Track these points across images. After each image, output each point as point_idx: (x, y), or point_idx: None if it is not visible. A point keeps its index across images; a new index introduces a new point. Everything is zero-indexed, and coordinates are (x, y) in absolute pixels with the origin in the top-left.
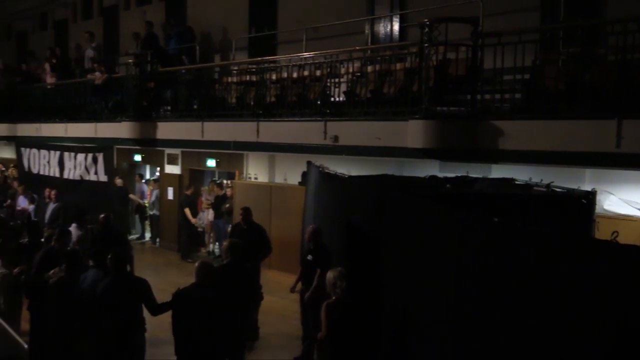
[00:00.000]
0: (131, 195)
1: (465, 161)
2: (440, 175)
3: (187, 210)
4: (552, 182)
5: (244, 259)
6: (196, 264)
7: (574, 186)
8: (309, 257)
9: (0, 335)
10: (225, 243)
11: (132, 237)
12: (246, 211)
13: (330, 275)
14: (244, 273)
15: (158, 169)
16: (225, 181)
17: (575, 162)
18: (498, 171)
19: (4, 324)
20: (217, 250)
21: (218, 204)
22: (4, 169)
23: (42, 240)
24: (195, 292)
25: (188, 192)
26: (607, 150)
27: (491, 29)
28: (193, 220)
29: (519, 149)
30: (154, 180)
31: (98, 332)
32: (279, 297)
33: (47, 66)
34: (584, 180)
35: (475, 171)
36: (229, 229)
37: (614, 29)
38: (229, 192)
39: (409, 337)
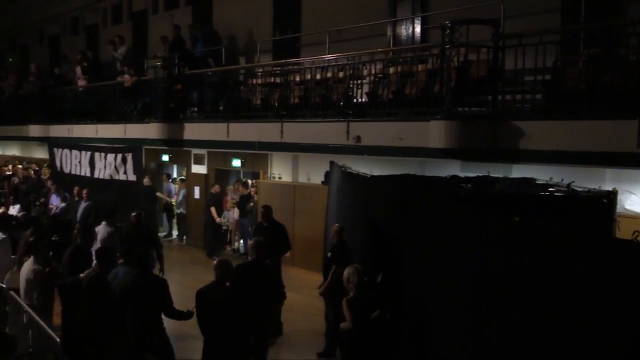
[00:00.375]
0: (158, 194)
1: (486, 161)
2: (462, 175)
3: (212, 209)
4: (572, 181)
5: (265, 256)
6: (215, 262)
7: (595, 186)
8: (329, 254)
9: (34, 329)
10: (251, 241)
11: (160, 234)
12: (266, 209)
13: (345, 271)
14: (267, 271)
15: (185, 168)
16: (249, 181)
17: (596, 162)
18: (519, 171)
19: (37, 318)
20: (242, 248)
21: (243, 203)
22: (37, 168)
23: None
24: (215, 291)
25: (214, 191)
26: (628, 150)
27: (512, 31)
28: (218, 220)
29: (539, 149)
30: (180, 179)
31: (122, 327)
32: (302, 295)
33: (78, 69)
34: (604, 180)
35: (496, 171)
36: (250, 228)
37: (635, 30)
38: (253, 191)
39: (428, 336)
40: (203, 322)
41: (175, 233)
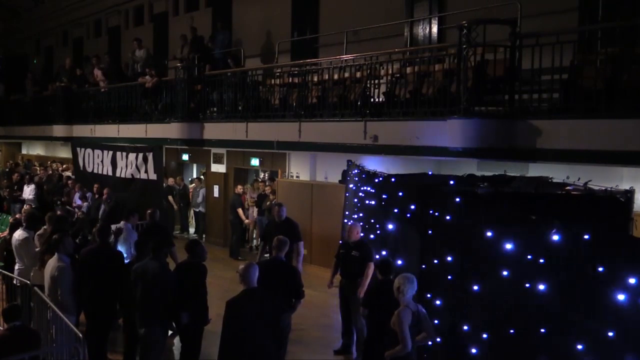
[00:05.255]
0: (170, 198)
1: (503, 160)
2: (478, 173)
3: (239, 211)
4: (589, 180)
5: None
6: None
7: (612, 185)
8: (353, 252)
9: (57, 325)
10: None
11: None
12: (278, 206)
13: (395, 281)
14: (287, 269)
15: (205, 167)
16: (263, 180)
17: (613, 161)
18: (535, 170)
19: (60, 314)
20: (260, 246)
21: (261, 201)
22: (61, 167)
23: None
24: (248, 299)
25: (237, 191)
26: None
27: (529, 30)
28: (247, 221)
29: (556, 148)
30: (197, 178)
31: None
32: (320, 292)
33: (96, 72)
34: (621, 178)
35: (513, 170)
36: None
37: None
38: (267, 190)
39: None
40: (235, 332)
41: (191, 230)
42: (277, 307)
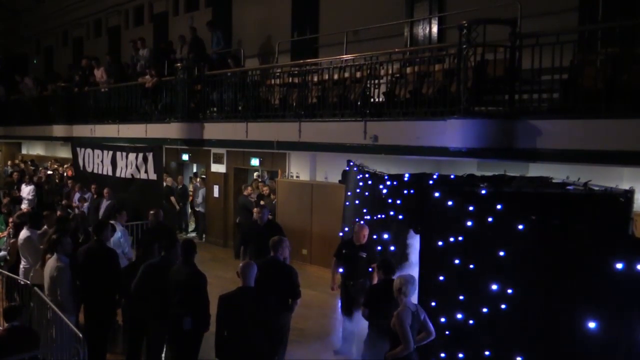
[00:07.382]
0: (172, 198)
1: (503, 160)
2: (478, 174)
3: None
4: (589, 180)
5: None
6: (240, 265)
7: (612, 185)
8: (361, 253)
9: (57, 325)
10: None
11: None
12: (260, 209)
13: (396, 281)
14: (284, 268)
15: (204, 167)
16: (262, 180)
17: (613, 161)
18: (535, 170)
19: (60, 314)
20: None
21: (260, 201)
22: (61, 167)
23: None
24: (241, 296)
25: (246, 193)
26: None
27: (529, 30)
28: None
29: (556, 148)
30: (202, 178)
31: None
32: (320, 292)
33: (97, 72)
34: (622, 178)
35: (513, 170)
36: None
37: None
38: (265, 191)
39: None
40: (225, 326)
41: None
42: (271, 307)
